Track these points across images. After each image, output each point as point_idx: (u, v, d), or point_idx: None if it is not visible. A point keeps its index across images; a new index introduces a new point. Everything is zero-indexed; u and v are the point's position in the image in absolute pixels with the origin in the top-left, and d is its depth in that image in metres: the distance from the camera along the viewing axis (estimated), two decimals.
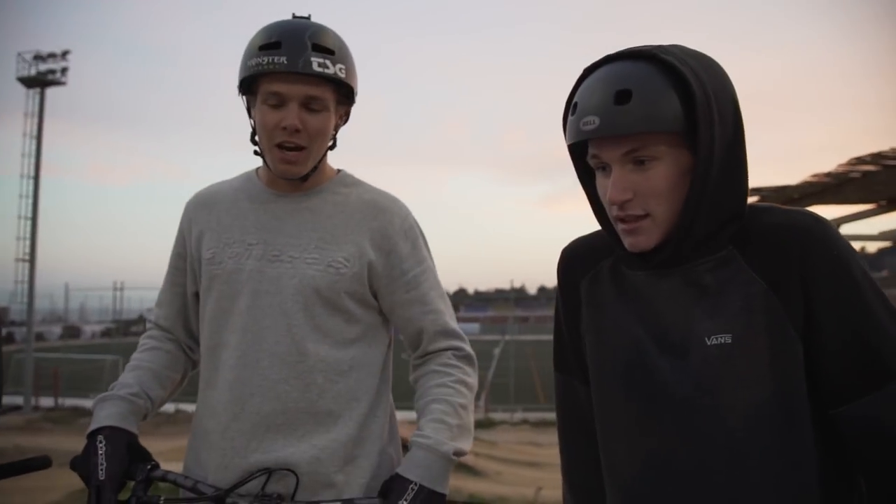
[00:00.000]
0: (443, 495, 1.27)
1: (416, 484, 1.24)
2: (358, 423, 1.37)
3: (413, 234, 1.44)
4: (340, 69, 1.32)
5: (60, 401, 19.38)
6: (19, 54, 26.00)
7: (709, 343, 0.96)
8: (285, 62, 1.27)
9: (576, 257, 1.15)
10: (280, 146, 1.32)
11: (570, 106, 1.00)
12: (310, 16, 1.37)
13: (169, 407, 17.48)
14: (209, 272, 1.41)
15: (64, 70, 26.33)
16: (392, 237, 1.40)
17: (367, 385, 1.40)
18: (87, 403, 18.29)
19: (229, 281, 1.38)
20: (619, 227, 1.00)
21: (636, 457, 1.01)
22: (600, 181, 1.01)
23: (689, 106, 0.93)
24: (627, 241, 1.00)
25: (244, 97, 1.39)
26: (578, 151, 1.04)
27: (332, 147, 1.42)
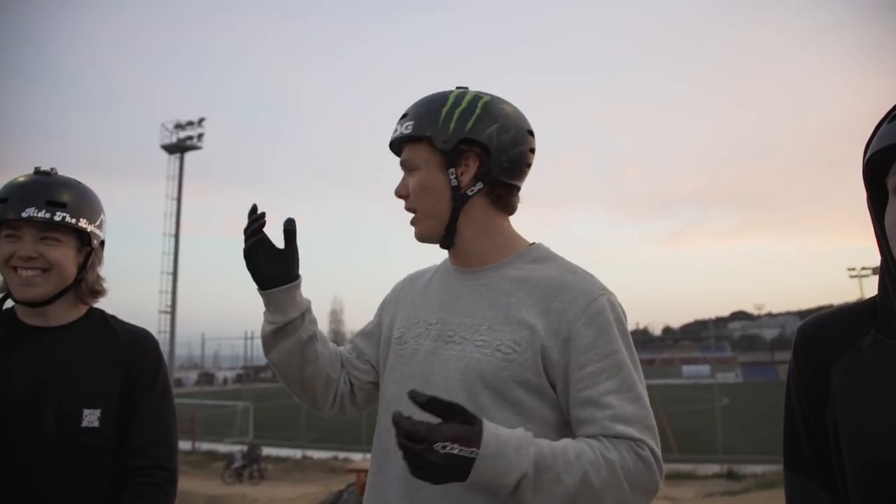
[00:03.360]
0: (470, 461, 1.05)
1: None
2: None
3: (601, 320, 1.21)
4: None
5: (196, 445, 20.47)
6: (162, 124, 28.69)
7: None
8: None
9: (824, 337, 0.93)
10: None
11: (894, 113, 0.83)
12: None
13: (296, 453, 17.94)
14: (395, 352, 1.38)
15: (200, 136, 28.73)
16: (571, 322, 1.21)
17: None
18: (220, 448, 19.15)
19: (409, 363, 1.33)
20: None
21: None
22: None
23: None
24: None
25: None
26: (878, 170, 0.85)
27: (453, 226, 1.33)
